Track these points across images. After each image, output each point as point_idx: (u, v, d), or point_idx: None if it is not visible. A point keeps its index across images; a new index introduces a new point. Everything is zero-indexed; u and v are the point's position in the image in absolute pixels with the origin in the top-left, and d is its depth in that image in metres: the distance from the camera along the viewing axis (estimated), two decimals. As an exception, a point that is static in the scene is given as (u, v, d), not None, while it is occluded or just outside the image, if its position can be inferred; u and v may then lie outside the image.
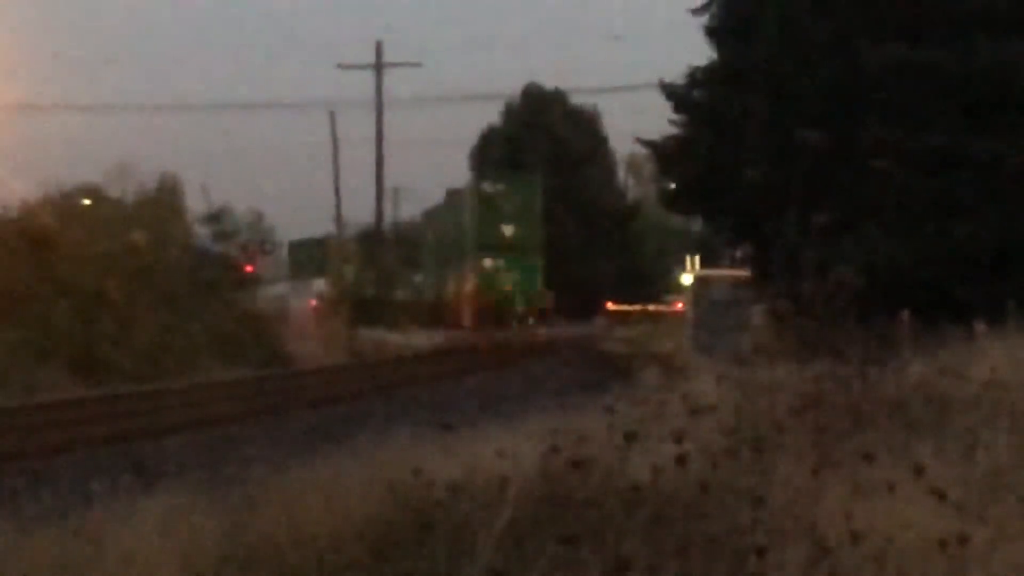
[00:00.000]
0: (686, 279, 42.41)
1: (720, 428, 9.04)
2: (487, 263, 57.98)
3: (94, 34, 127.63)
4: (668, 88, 32.96)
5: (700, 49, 33.07)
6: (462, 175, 72.26)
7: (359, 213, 70.03)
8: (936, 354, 14.98)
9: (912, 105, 28.92)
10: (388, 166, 64.43)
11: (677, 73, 32.98)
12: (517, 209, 58.68)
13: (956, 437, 9.49)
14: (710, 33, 32.60)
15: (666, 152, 34.09)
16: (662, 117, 33.61)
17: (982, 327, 19.58)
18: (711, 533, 6.57)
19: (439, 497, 7.35)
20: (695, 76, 32.84)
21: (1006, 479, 8.38)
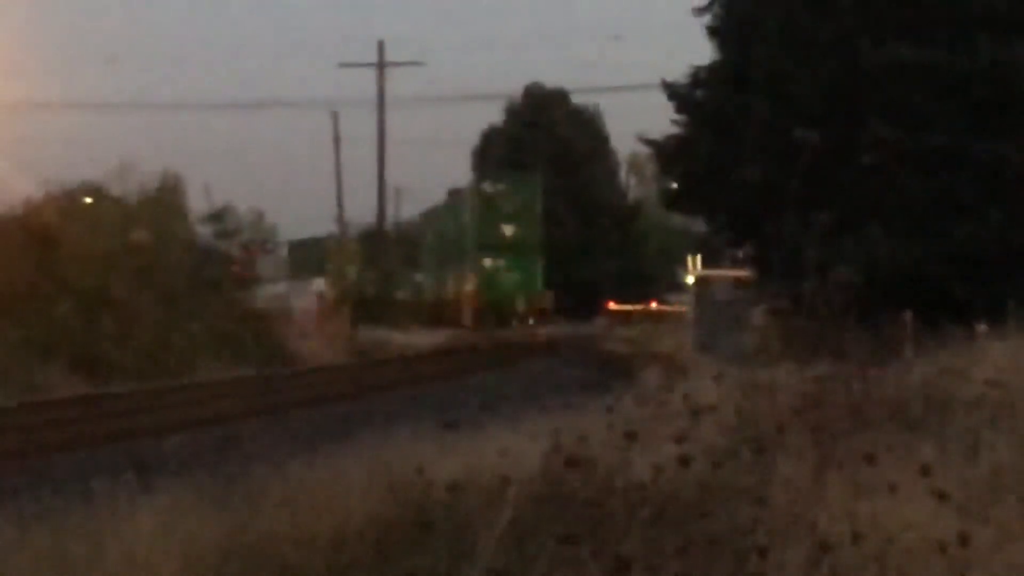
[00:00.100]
0: (688, 279, 42.39)
1: (721, 428, 9.04)
2: (487, 263, 58.06)
3: (96, 33, 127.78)
4: (670, 88, 32.93)
5: (703, 49, 33.13)
6: (464, 175, 72.34)
7: (361, 213, 70.10)
8: (937, 354, 14.99)
9: (913, 105, 28.90)
10: (390, 166, 64.52)
11: (679, 73, 33.04)
12: (517, 209, 58.77)
13: (958, 437, 9.50)
14: (712, 33, 32.60)
15: (667, 151, 34.05)
16: (664, 117, 33.63)
17: (983, 327, 19.58)
18: (712, 533, 6.57)
19: (440, 496, 7.35)
20: (697, 76, 32.83)
21: (1007, 479, 8.39)
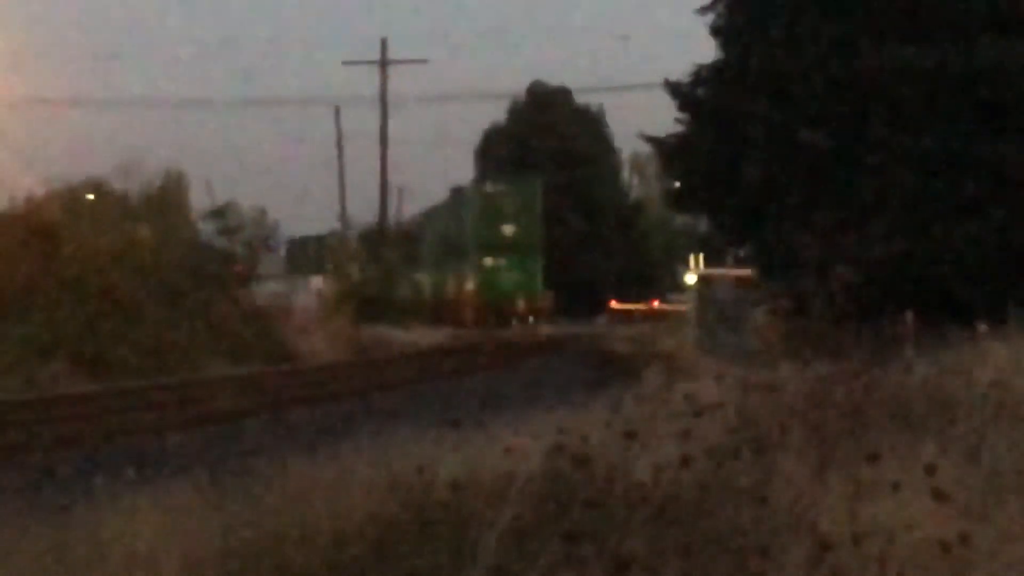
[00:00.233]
0: (689, 278, 42.36)
1: (722, 428, 9.04)
2: (488, 262, 58.13)
3: (100, 29, 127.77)
4: (673, 87, 32.94)
5: (706, 48, 33.11)
6: (467, 173, 72.36)
7: (363, 211, 70.04)
8: (938, 354, 14.97)
9: (915, 106, 28.92)
10: (392, 164, 64.49)
11: (683, 72, 33.05)
12: (518, 209, 58.85)
13: (959, 438, 9.49)
14: (716, 32, 32.60)
15: (669, 150, 34.06)
16: (667, 117, 33.64)
17: (984, 327, 19.58)
18: (713, 532, 6.58)
19: (441, 495, 7.35)
20: (700, 75, 32.83)
21: (1009, 480, 8.39)
